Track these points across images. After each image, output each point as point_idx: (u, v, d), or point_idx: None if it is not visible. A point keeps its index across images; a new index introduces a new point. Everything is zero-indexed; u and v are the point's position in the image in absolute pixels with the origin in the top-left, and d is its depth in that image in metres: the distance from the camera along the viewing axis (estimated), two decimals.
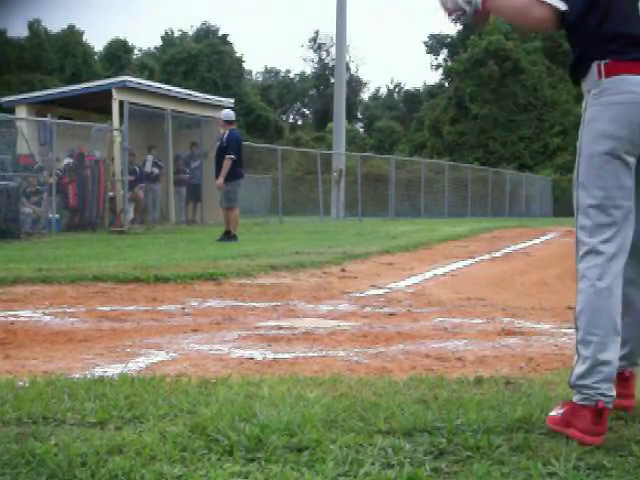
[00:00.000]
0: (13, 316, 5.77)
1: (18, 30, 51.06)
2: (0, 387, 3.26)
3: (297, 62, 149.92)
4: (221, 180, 13.79)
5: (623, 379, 2.94)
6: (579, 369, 2.72)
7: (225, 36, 66.65)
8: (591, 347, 2.69)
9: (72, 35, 55.80)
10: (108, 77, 28.49)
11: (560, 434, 2.70)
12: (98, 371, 3.80)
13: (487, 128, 56.38)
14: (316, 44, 76.29)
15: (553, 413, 2.80)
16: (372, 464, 2.40)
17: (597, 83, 2.79)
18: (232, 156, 13.91)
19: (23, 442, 2.56)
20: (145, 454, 2.45)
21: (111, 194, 19.19)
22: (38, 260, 9.68)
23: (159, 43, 70.37)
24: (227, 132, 14.15)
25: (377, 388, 3.32)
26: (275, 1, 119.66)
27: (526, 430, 2.73)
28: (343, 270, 9.39)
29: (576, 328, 2.77)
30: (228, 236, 13.94)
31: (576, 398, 2.73)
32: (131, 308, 6.31)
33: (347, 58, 51.84)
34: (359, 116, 75.70)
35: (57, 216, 17.68)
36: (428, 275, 9.37)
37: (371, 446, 2.55)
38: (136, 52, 68.22)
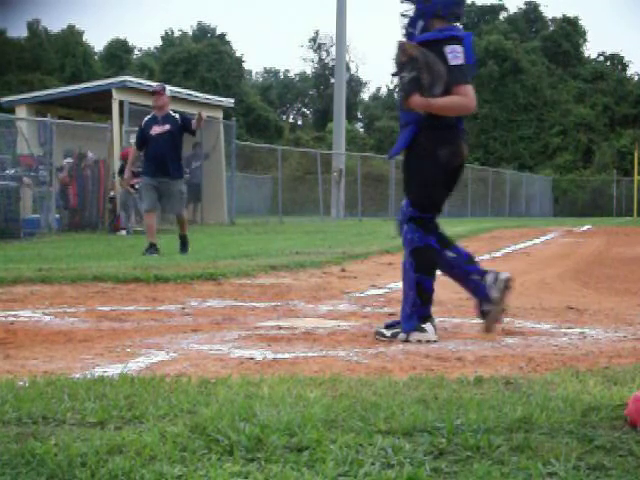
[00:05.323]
0: (13, 316, 5.77)
1: (18, 30, 51.11)
2: (0, 387, 3.26)
3: (297, 62, 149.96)
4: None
5: None
6: None
7: (223, 35, 66.63)
8: None
9: (72, 35, 55.85)
10: (108, 77, 28.50)
11: (561, 434, 2.69)
12: (98, 371, 3.80)
13: (487, 128, 56.42)
14: (316, 44, 76.27)
15: None
16: (372, 464, 2.40)
17: None
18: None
19: (23, 442, 2.56)
20: (145, 454, 2.45)
21: (111, 194, 19.22)
22: (38, 260, 9.68)
23: (159, 43, 70.39)
24: (171, 112, 11.12)
25: (377, 388, 3.31)
26: (275, 1, 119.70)
27: (526, 430, 2.73)
28: (343, 270, 9.39)
29: None
30: (154, 247, 10.86)
31: None
32: (131, 308, 6.31)
33: (347, 58, 51.84)
34: (359, 116, 75.68)
35: (57, 216, 17.70)
36: None
37: (371, 446, 2.55)
38: (136, 52, 68.26)
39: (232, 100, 25.17)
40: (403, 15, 4.99)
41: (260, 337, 4.99)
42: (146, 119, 11.11)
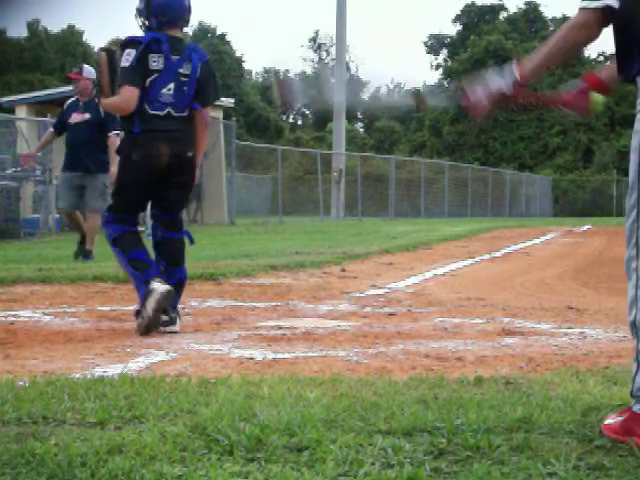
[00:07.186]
0: (13, 316, 5.76)
1: (18, 30, 51.08)
2: (0, 387, 3.26)
3: (297, 62, 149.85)
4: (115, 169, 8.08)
5: None
6: None
7: (223, 35, 66.60)
8: None
9: (72, 35, 55.82)
10: None
11: (561, 434, 2.69)
12: (98, 371, 3.80)
13: (487, 128, 56.38)
14: (316, 44, 76.25)
15: (609, 421, 2.71)
16: (372, 464, 2.40)
17: None
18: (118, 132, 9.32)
19: (23, 442, 2.56)
20: (145, 454, 2.45)
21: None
22: (38, 260, 9.67)
23: None
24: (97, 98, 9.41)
25: (377, 388, 3.32)
26: (275, 1, 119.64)
27: (526, 430, 2.73)
28: (343, 270, 9.39)
29: (636, 337, 2.65)
30: (87, 251, 9.82)
31: (636, 408, 2.64)
32: (131, 308, 6.29)
33: (347, 58, 51.84)
34: (359, 116, 75.67)
35: (57, 216, 17.68)
36: (428, 275, 9.37)
37: (371, 446, 2.55)
38: None
39: (232, 100, 25.15)
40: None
41: (260, 337, 4.99)
42: (68, 103, 9.77)
